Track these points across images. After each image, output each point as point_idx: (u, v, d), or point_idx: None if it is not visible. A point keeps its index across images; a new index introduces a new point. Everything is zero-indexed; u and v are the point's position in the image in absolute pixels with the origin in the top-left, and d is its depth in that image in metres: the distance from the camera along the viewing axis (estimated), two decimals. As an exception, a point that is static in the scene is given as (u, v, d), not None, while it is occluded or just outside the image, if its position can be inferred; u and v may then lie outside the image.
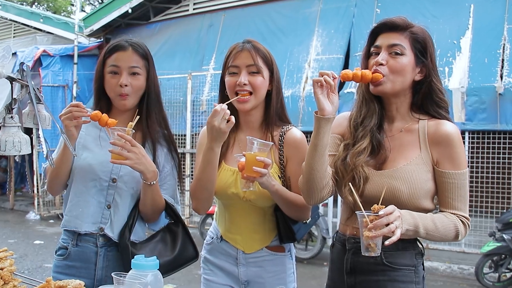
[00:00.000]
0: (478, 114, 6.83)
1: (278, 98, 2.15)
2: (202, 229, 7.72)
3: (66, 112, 1.92)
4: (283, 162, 2.10)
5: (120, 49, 2.08)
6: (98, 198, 2.09)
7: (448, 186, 1.79)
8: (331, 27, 8.69)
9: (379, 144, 1.85)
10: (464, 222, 1.79)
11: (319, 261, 7.00)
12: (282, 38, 9.09)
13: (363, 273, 1.86)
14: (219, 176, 2.10)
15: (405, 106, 1.89)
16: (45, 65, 10.85)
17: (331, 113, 1.73)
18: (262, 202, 2.06)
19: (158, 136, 2.19)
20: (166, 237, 2.16)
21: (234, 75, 2.05)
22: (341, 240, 1.96)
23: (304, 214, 2.09)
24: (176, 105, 9.45)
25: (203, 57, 9.94)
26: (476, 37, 7.26)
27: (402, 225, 1.62)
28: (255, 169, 1.82)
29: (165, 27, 11.03)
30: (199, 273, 2.33)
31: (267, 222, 2.12)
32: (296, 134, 2.11)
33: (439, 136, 1.80)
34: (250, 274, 2.13)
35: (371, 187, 1.81)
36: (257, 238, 2.12)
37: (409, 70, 1.80)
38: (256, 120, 2.15)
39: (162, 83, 9.53)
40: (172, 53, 10.41)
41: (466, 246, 6.99)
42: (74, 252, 2.09)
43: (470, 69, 7.04)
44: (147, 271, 1.44)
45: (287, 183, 2.09)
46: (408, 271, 1.82)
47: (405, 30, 1.81)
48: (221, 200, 2.19)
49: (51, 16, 14.11)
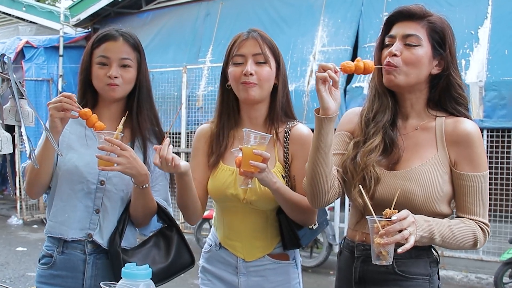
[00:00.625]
0: (498, 111, 6.83)
1: (284, 92, 2.14)
2: (198, 235, 7.72)
3: (56, 101, 1.90)
4: (287, 161, 2.08)
5: (110, 39, 2.07)
6: (85, 202, 2.07)
7: (466, 190, 1.77)
8: (338, 16, 8.66)
9: (392, 142, 1.84)
10: (484, 229, 1.78)
11: (325, 270, 6.99)
12: (285, 28, 9.07)
13: (373, 283, 1.85)
14: (217, 176, 2.10)
15: (421, 102, 1.87)
16: (28, 57, 10.81)
17: (335, 112, 1.70)
18: (264, 205, 2.04)
19: (149, 134, 2.18)
20: (160, 243, 2.15)
21: (240, 65, 2.03)
22: (349, 247, 1.95)
23: (309, 218, 2.07)
24: (170, 100, 9.42)
25: (199, 49, 9.93)
26: (495, 27, 7.24)
27: (416, 232, 1.60)
28: (252, 163, 1.78)
29: (158, 16, 11.00)
30: (196, 283, 2.33)
31: (269, 227, 2.10)
32: (302, 130, 2.10)
33: (457, 135, 1.79)
34: (251, 285, 2.11)
35: (382, 189, 1.80)
36: (259, 245, 2.10)
37: (425, 63, 1.78)
38: (260, 115, 2.12)
39: (155, 77, 9.54)
40: (165, 44, 10.40)
41: (484, 254, 6.98)
42: (60, 260, 2.08)
43: (488, 61, 7.03)
44: (139, 281, 1.43)
45: (291, 183, 2.07)
46: (422, 280, 1.81)
47: (423, 19, 1.79)
48: (219, 204, 2.17)
49: (35, 4, 14.03)
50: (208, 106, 8.79)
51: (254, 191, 1.99)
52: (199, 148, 2.20)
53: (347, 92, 7.72)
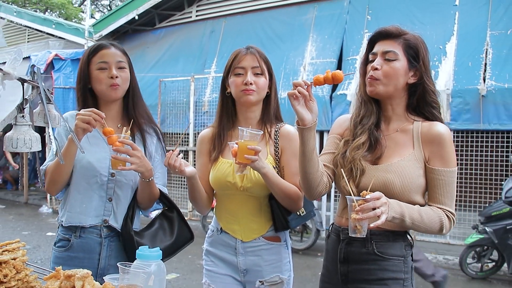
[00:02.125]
0: (462, 115, 6.82)
1: (275, 99, 2.22)
2: (204, 222, 7.71)
3: (85, 114, 1.89)
4: (278, 154, 2.14)
5: (104, 48, 2.11)
6: (99, 192, 2.08)
7: (437, 182, 1.79)
8: (325, 33, 8.67)
9: (376, 141, 1.87)
10: (449, 216, 1.79)
11: (313, 252, 6.99)
12: (279, 43, 9.08)
13: (356, 262, 1.85)
14: (218, 168, 2.15)
15: (401, 108, 1.90)
16: (57, 68, 10.79)
17: (310, 122, 1.73)
18: (257, 191, 2.08)
19: (146, 127, 2.21)
20: (164, 224, 2.20)
21: (240, 76, 2.10)
22: (336, 231, 1.96)
23: (295, 203, 2.10)
24: (180, 105, 9.44)
25: (205, 61, 9.92)
26: (460, 42, 7.26)
27: (388, 212, 1.63)
28: (246, 157, 1.86)
29: (170, 32, 11.01)
30: (201, 263, 2.32)
31: (263, 212, 2.13)
32: (289, 129, 2.18)
33: (431, 135, 1.80)
34: (249, 263, 2.13)
35: (366, 180, 1.82)
36: (254, 227, 2.13)
37: (402, 74, 1.82)
38: (255, 117, 2.19)
39: (167, 85, 9.59)
40: (176, 57, 10.39)
41: (451, 238, 7.00)
42: (77, 244, 2.07)
43: (455, 72, 7.03)
44: (151, 261, 1.43)
45: (281, 172, 2.13)
46: (398, 261, 1.82)
47: (399, 37, 1.83)
48: (220, 191, 2.20)
49: (63, 22, 14.07)
50: (213, 110, 8.78)
51: (250, 179, 2.06)
52: (201, 151, 2.27)
53: (333, 99, 7.70)
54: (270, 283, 2.12)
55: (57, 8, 23.71)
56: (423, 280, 4.84)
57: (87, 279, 1.25)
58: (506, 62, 6.78)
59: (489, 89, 6.60)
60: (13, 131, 1.75)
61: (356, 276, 1.85)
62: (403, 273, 1.81)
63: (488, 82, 6.68)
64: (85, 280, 1.25)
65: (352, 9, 8.57)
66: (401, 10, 7.93)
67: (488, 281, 5.91)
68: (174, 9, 10.95)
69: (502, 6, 7.20)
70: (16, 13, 13.91)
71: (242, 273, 2.15)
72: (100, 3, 27.84)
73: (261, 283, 2.12)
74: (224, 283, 2.16)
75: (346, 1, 8.69)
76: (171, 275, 5.39)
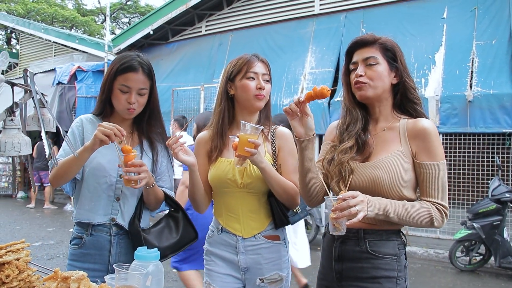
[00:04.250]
0: (451, 119, 6.73)
1: (269, 103, 2.16)
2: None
3: (107, 127, 1.80)
4: (275, 152, 2.06)
5: (132, 70, 1.97)
6: (108, 192, 2.01)
7: (425, 176, 1.67)
8: (323, 45, 8.59)
9: (364, 143, 1.77)
10: (440, 209, 1.66)
11: (314, 246, 6.84)
12: (281, 55, 9.00)
13: (350, 260, 1.75)
14: (218, 167, 2.05)
15: (387, 108, 1.80)
16: (80, 79, 10.86)
17: (302, 135, 1.73)
18: (257, 187, 1.98)
19: (157, 138, 2.14)
20: (170, 223, 2.14)
21: (253, 80, 2.01)
22: (331, 230, 1.85)
23: (293, 199, 2.00)
24: (191, 112, 9.36)
25: (213, 71, 9.86)
26: (448, 52, 7.17)
27: (367, 209, 1.54)
28: (246, 149, 1.79)
29: (181, 46, 10.98)
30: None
31: (262, 209, 2.03)
32: (284, 130, 2.12)
33: (416, 130, 1.69)
34: (249, 261, 2.01)
35: (356, 178, 1.72)
36: (254, 225, 2.02)
37: (386, 75, 1.75)
38: (254, 120, 2.10)
39: (179, 94, 9.53)
40: (187, 68, 10.36)
41: (441, 233, 6.91)
42: (89, 241, 2.01)
43: (443, 80, 6.94)
44: (149, 262, 1.33)
45: (278, 170, 2.04)
46: (391, 259, 1.70)
47: (375, 43, 1.76)
48: (219, 189, 2.08)
49: (85, 37, 14.11)
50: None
51: (249, 175, 1.97)
52: (199, 152, 2.14)
53: (331, 105, 7.62)
54: (270, 281, 2.01)
55: (82, 25, 23.82)
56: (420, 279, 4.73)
57: (82, 281, 1.15)
58: (491, 70, 6.68)
59: (475, 95, 6.50)
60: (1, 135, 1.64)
61: (350, 274, 1.74)
62: (396, 272, 1.70)
63: (474, 88, 6.58)
64: (80, 282, 1.15)
65: (348, 23, 8.50)
66: (393, 23, 7.83)
67: (476, 273, 5.82)
68: (185, 25, 10.93)
69: (487, 18, 7.11)
70: (44, 30, 14.03)
71: (243, 271, 2.03)
72: (121, 20, 27.95)
73: (261, 280, 2.01)
74: (224, 282, 2.05)
75: (342, 16, 8.64)
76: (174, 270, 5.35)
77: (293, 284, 4.41)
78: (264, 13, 9.76)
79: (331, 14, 8.83)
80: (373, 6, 8.38)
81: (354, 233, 1.73)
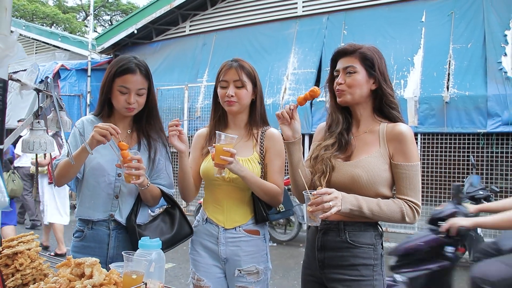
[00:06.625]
0: (428, 119, 6.94)
1: (261, 105, 2.26)
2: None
3: (103, 127, 1.90)
4: (263, 152, 2.19)
5: (130, 72, 2.06)
6: (107, 190, 2.11)
7: (400, 176, 1.83)
8: (305, 46, 8.74)
9: (346, 143, 1.94)
10: (411, 206, 1.81)
11: (296, 243, 7.04)
12: (264, 55, 9.13)
13: (331, 249, 1.90)
14: (208, 160, 2.18)
15: (368, 112, 1.96)
16: (63, 77, 10.78)
17: (290, 138, 1.91)
18: (242, 182, 2.10)
19: (156, 136, 2.23)
20: (166, 219, 2.22)
21: (224, 88, 2.16)
22: (314, 222, 2.01)
23: (274, 199, 2.15)
24: (175, 111, 9.44)
25: (197, 71, 9.93)
26: (427, 55, 7.37)
27: (341, 205, 1.70)
28: (222, 157, 1.91)
29: (165, 45, 11.01)
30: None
31: (246, 203, 2.17)
32: (273, 132, 2.23)
33: (394, 134, 1.85)
34: (229, 252, 2.14)
35: (337, 175, 1.88)
36: (236, 218, 2.16)
37: (364, 83, 1.89)
38: (242, 121, 2.25)
39: (163, 93, 9.55)
40: (171, 67, 10.40)
41: (419, 230, 7.03)
42: (90, 235, 2.12)
43: (421, 81, 7.14)
44: (152, 250, 1.46)
45: (264, 169, 2.18)
46: (368, 248, 1.86)
47: (355, 52, 1.90)
48: (209, 181, 2.22)
49: (68, 35, 14.00)
50: (205, 116, 8.80)
51: None
52: (196, 145, 2.31)
53: (313, 105, 7.79)
54: (247, 272, 2.13)
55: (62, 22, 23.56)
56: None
57: (95, 266, 1.28)
58: (467, 72, 6.91)
59: (452, 96, 6.72)
60: (29, 135, 1.78)
61: (331, 262, 1.89)
62: (373, 260, 1.86)
63: (451, 90, 6.80)
64: (93, 267, 1.28)
65: (330, 25, 8.66)
66: (374, 26, 8.02)
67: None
68: (169, 24, 10.96)
69: (463, 22, 7.33)
70: (25, 27, 13.76)
71: (223, 261, 2.16)
72: (102, 18, 27.70)
73: (239, 271, 2.14)
74: (207, 272, 2.18)
75: (324, 18, 8.79)
76: (168, 265, 5.38)
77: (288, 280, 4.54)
78: (248, 14, 9.85)
79: (313, 16, 8.98)
80: (354, 9, 8.53)
81: (335, 224, 1.89)
